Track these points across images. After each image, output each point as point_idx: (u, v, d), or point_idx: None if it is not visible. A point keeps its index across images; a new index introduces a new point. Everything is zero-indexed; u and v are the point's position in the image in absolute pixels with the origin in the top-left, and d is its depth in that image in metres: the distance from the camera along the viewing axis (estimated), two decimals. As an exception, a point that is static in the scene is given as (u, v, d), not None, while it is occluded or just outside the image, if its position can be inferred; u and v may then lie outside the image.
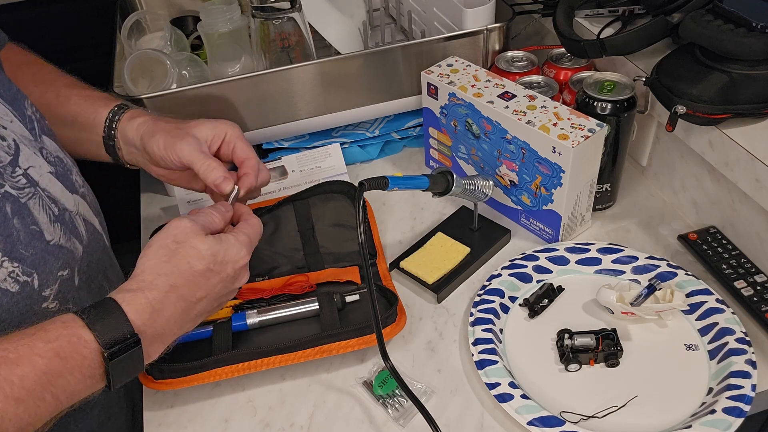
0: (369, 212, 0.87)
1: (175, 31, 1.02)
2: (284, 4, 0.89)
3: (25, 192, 0.60)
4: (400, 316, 0.71)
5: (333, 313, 0.72)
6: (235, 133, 0.72)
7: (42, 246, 0.60)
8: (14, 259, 0.58)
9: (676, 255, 0.81)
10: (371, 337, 0.68)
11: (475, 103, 0.81)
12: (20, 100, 0.66)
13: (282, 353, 0.68)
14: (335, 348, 0.68)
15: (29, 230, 0.59)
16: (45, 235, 0.61)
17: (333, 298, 0.73)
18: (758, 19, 0.69)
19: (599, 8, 0.92)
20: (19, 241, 0.58)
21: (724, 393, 0.63)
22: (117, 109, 0.74)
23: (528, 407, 0.63)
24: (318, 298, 0.73)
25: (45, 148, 0.66)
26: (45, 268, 0.60)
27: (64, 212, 0.64)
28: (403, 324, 0.71)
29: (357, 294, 0.74)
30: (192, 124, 0.72)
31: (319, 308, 0.72)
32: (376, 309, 0.65)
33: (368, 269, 0.64)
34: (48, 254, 0.61)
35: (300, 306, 0.73)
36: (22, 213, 0.59)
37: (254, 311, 0.72)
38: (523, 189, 0.82)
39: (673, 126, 0.75)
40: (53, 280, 0.61)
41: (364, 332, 0.69)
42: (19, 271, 0.58)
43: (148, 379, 0.67)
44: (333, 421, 0.67)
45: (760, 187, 0.70)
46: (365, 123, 1.00)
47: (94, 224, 0.70)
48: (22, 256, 0.58)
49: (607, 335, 0.69)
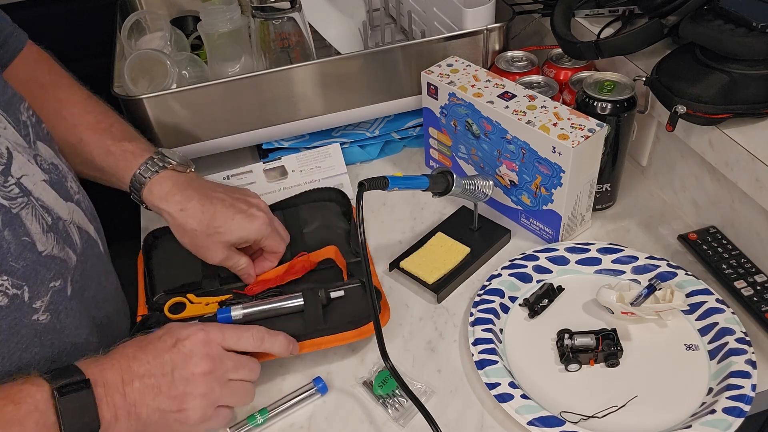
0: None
1: (175, 31, 1.02)
2: (284, 4, 0.89)
3: (17, 202, 0.58)
4: (384, 309, 0.72)
5: (317, 310, 0.72)
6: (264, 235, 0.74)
7: (34, 257, 0.59)
8: (3, 272, 0.56)
9: (676, 255, 0.81)
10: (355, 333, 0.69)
11: (475, 103, 0.81)
12: (15, 104, 0.64)
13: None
14: (323, 342, 0.69)
15: (21, 242, 0.57)
16: (37, 246, 0.59)
17: (318, 294, 0.72)
18: (758, 19, 0.69)
19: (599, 8, 0.92)
20: (9, 254, 0.56)
21: (724, 393, 0.63)
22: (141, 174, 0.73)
23: (528, 407, 0.63)
24: (303, 293, 0.73)
25: (39, 155, 0.64)
26: (36, 280, 0.59)
27: (57, 221, 0.62)
28: (387, 317, 0.72)
29: (342, 290, 0.74)
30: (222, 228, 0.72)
31: (303, 304, 0.72)
32: (376, 312, 0.65)
33: (368, 269, 0.64)
34: (40, 266, 0.59)
35: (285, 301, 0.72)
36: (13, 224, 0.57)
37: (239, 305, 0.72)
38: (523, 189, 0.82)
39: (674, 126, 0.75)
40: (44, 291, 0.60)
41: (351, 327, 0.69)
42: (8, 284, 0.56)
43: None
44: (333, 421, 0.67)
45: (760, 187, 0.70)
46: (365, 123, 1.00)
47: (89, 231, 0.69)
48: (12, 268, 0.57)
49: (607, 335, 0.69)
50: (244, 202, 0.74)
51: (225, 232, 0.72)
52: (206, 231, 0.71)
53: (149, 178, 0.72)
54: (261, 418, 0.66)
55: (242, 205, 0.73)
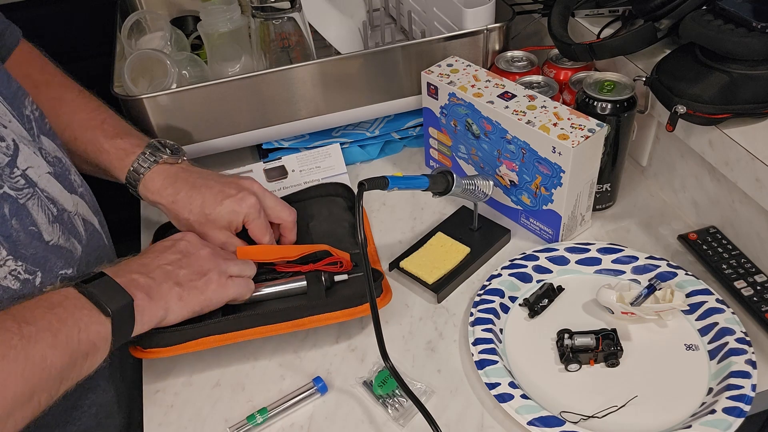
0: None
1: (175, 31, 1.02)
2: (284, 4, 0.89)
3: (23, 193, 0.60)
4: (386, 291, 0.73)
5: (320, 291, 0.72)
6: (253, 212, 0.74)
7: (43, 246, 0.61)
8: (18, 258, 0.58)
9: (676, 255, 0.81)
10: (358, 309, 0.70)
11: (475, 103, 0.81)
12: (20, 98, 0.66)
13: (270, 320, 0.69)
14: (324, 318, 0.69)
15: (28, 231, 0.60)
16: (44, 235, 0.61)
17: (321, 277, 0.73)
18: (758, 19, 0.69)
19: (599, 8, 0.92)
20: (19, 242, 0.58)
21: (724, 393, 0.63)
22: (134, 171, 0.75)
23: (528, 407, 0.63)
24: (306, 276, 0.74)
25: (44, 148, 0.66)
26: (46, 267, 0.61)
27: (63, 212, 0.64)
28: (389, 298, 0.73)
29: (345, 274, 0.75)
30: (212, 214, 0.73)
31: (306, 285, 0.73)
32: (375, 310, 0.65)
33: (368, 269, 0.64)
34: (50, 253, 0.61)
35: (288, 283, 0.73)
36: (20, 214, 0.59)
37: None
38: (523, 189, 0.82)
39: (674, 126, 0.75)
40: (55, 277, 0.62)
41: (352, 304, 0.70)
42: (21, 270, 0.58)
43: (137, 349, 0.67)
44: (333, 420, 0.67)
45: (760, 187, 0.70)
46: (365, 123, 1.00)
47: (93, 224, 0.70)
48: (24, 255, 0.59)
49: (607, 335, 0.69)
50: (234, 186, 0.75)
51: (216, 218, 0.73)
52: (198, 219, 0.74)
53: (143, 174, 0.74)
54: (261, 417, 0.66)
55: (231, 190, 0.74)
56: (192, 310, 0.66)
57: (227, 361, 0.72)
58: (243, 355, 0.73)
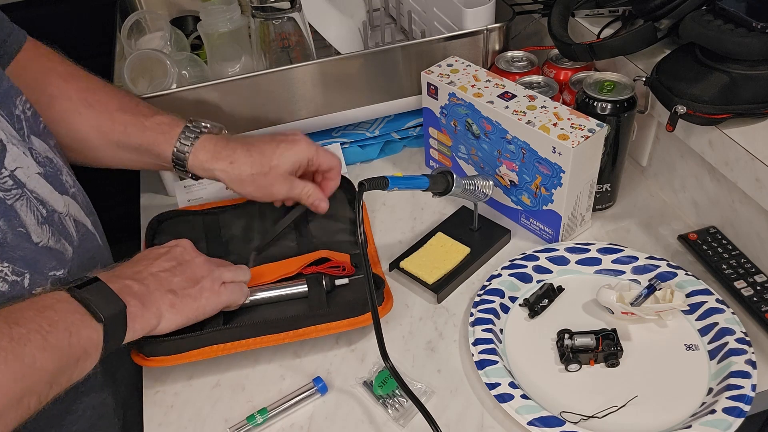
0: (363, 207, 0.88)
1: (175, 31, 1.02)
2: (284, 4, 0.89)
3: (11, 194, 0.59)
4: (387, 299, 0.72)
5: (321, 296, 0.72)
6: (312, 153, 0.76)
7: (31, 247, 0.60)
8: (5, 260, 0.57)
9: (676, 255, 0.81)
10: (360, 318, 0.69)
11: (475, 103, 0.81)
12: (11, 97, 0.65)
13: (272, 329, 0.69)
14: (326, 328, 0.69)
15: (16, 232, 0.59)
16: (33, 237, 0.60)
17: (322, 281, 0.73)
18: (758, 19, 0.69)
19: (599, 8, 0.92)
20: (6, 243, 0.58)
21: (724, 393, 0.63)
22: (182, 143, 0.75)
23: (528, 407, 0.63)
24: (307, 280, 0.73)
25: (34, 148, 0.65)
26: (36, 268, 0.60)
27: (53, 214, 0.64)
28: (390, 306, 0.72)
29: (346, 278, 0.75)
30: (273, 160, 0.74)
31: (307, 290, 0.73)
32: (375, 310, 0.65)
33: (368, 270, 0.64)
34: (39, 255, 0.61)
35: (289, 287, 0.73)
36: (8, 215, 0.58)
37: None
38: (523, 189, 0.82)
39: (674, 126, 0.75)
40: (44, 279, 0.61)
41: (354, 313, 0.70)
42: (8, 271, 0.58)
43: (139, 356, 0.67)
44: (333, 421, 0.67)
45: (760, 187, 0.70)
46: (365, 123, 1.00)
47: (86, 225, 0.69)
48: (11, 257, 0.58)
49: (607, 335, 0.69)
50: (282, 134, 0.78)
51: (278, 164, 0.75)
52: (261, 170, 0.74)
53: (191, 146, 0.75)
54: (261, 418, 0.66)
55: (281, 137, 0.77)
56: (186, 317, 0.65)
57: (227, 362, 0.72)
58: (243, 356, 0.73)
